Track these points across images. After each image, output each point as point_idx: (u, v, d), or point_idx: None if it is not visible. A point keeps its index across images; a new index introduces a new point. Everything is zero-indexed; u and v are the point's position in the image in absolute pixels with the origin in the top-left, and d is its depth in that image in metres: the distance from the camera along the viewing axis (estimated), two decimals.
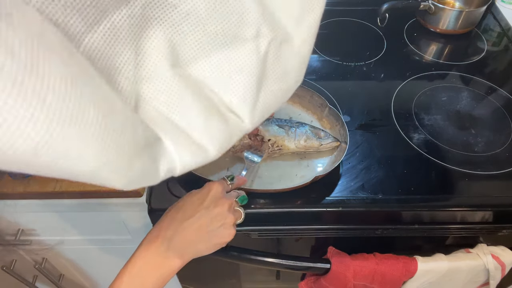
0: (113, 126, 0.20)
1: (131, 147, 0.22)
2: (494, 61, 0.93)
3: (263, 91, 0.29)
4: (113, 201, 0.67)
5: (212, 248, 0.50)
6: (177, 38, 0.25)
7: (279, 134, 0.68)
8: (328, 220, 0.67)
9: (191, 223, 0.47)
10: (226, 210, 0.50)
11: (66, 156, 0.17)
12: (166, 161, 0.26)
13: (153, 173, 0.25)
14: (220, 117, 0.27)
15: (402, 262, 0.65)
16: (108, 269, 0.94)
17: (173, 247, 0.46)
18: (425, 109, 0.80)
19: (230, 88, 0.27)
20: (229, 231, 0.50)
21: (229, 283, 0.93)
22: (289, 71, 0.30)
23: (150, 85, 0.25)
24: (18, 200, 0.66)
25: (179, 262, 0.47)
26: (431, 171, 0.69)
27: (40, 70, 0.15)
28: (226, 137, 0.28)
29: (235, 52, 0.27)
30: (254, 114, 0.29)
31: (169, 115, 0.25)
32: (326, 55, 0.93)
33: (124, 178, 0.23)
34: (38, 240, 0.81)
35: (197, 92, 0.26)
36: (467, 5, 1.02)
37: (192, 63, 0.26)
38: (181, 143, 0.26)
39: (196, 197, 0.50)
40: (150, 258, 0.46)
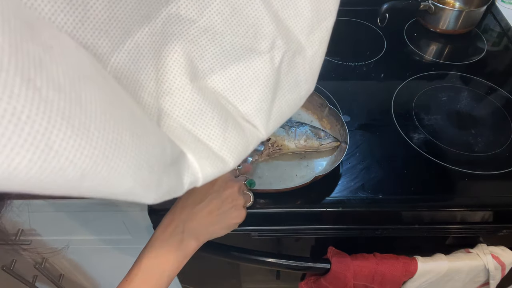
0: (146, 148, 0.21)
1: (161, 165, 0.23)
2: (494, 61, 0.93)
3: (277, 101, 0.30)
4: (113, 201, 0.67)
5: (226, 229, 0.51)
6: (195, 52, 0.26)
7: (279, 134, 0.68)
8: (328, 220, 0.66)
9: (203, 206, 0.49)
10: (236, 192, 0.52)
11: (107, 180, 0.18)
12: (189, 173, 0.27)
13: (178, 187, 0.26)
14: (238, 127, 0.28)
15: (402, 262, 0.65)
16: (108, 269, 0.94)
17: (188, 229, 0.48)
18: (425, 109, 0.80)
19: (246, 99, 0.28)
20: (240, 212, 0.52)
21: (229, 283, 0.93)
22: (301, 81, 0.31)
23: (171, 99, 0.26)
24: (18, 200, 0.66)
25: (194, 244, 0.48)
26: (431, 171, 0.69)
27: (83, 100, 0.16)
28: (243, 146, 0.29)
29: (251, 64, 0.28)
30: (269, 123, 0.30)
31: (189, 128, 0.26)
32: (326, 55, 0.93)
33: (154, 195, 0.23)
34: (38, 240, 0.81)
35: (215, 104, 0.27)
36: (467, 5, 1.02)
37: (210, 75, 0.27)
38: (202, 156, 0.27)
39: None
40: (166, 240, 0.47)
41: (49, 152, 0.15)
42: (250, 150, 0.30)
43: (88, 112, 0.16)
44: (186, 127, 0.26)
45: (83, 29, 0.20)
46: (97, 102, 0.17)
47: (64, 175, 0.16)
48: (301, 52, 0.30)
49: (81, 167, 0.16)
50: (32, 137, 0.14)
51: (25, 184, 0.15)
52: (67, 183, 0.17)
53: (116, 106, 0.19)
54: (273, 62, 0.28)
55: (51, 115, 0.14)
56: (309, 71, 0.31)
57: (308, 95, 0.33)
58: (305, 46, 0.30)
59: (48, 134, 0.14)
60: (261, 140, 0.31)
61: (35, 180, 0.15)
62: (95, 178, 0.18)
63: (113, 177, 0.18)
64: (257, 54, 0.28)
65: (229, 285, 0.94)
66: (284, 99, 0.30)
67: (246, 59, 0.27)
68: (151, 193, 0.23)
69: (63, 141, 0.15)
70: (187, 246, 0.48)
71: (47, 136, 0.14)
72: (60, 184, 0.16)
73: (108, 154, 0.17)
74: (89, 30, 0.20)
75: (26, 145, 0.14)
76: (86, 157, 0.16)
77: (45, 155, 0.15)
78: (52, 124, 0.14)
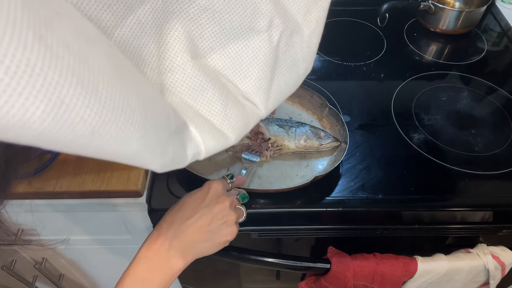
0: (151, 113, 0.22)
1: (165, 132, 0.24)
2: (494, 61, 0.93)
3: (276, 80, 0.31)
4: (113, 201, 0.67)
5: (215, 247, 0.49)
6: (195, 30, 0.27)
7: (279, 134, 0.68)
8: (328, 220, 0.66)
9: (192, 222, 0.47)
10: (228, 207, 0.49)
11: (115, 139, 0.19)
12: (192, 145, 0.27)
13: (182, 157, 0.27)
14: (238, 105, 0.29)
15: (402, 262, 0.65)
16: (108, 269, 0.94)
17: (175, 247, 0.46)
18: (425, 109, 0.80)
19: (246, 77, 0.29)
20: (231, 229, 0.49)
21: (229, 283, 0.93)
22: (299, 60, 0.32)
23: (172, 76, 0.26)
24: (18, 200, 0.66)
25: (181, 263, 0.46)
26: (431, 171, 0.69)
27: (90, 62, 0.17)
28: (244, 123, 0.29)
29: (250, 43, 0.28)
30: (268, 101, 0.31)
31: (191, 104, 0.27)
32: (326, 55, 0.93)
33: (160, 161, 0.24)
34: (38, 240, 0.81)
35: (215, 82, 0.28)
36: (467, 5, 1.02)
37: (210, 54, 0.28)
38: (204, 129, 0.28)
39: (196, 196, 0.49)
40: (151, 260, 0.45)
41: (61, 105, 0.15)
42: (250, 128, 0.31)
43: (96, 73, 0.17)
44: (187, 103, 0.27)
45: (87, 1, 0.21)
46: (104, 65, 0.18)
47: (75, 131, 0.17)
48: (299, 32, 0.30)
49: (91, 124, 0.17)
50: (45, 89, 0.15)
51: (38, 137, 0.16)
52: (77, 139, 0.17)
53: (121, 72, 0.20)
54: (271, 41, 0.29)
55: (62, 71, 0.15)
56: (306, 50, 0.32)
57: (306, 74, 0.34)
58: (302, 25, 0.30)
59: (60, 88, 0.15)
60: (261, 118, 0.31)
61: (47, 133, 0.16)
62: (104, 137, 0.18)
63: (121, 138, 0.19)
64: (256, 32, 0.28)
65: (229, 285, 0.94)
66: (282, 77, 0.31)
67: (245, 38, 0.28)
68: (157, 159, 0.24)
69: (73, 97, 0.16)
70: (173, 265, 0.45)
71: (58, 89, 0.15)
72: (71, 140, 0.17)
73: (116, 115, 0.18)
74: (93, 3, 0.21)
75: (40, 96, 0.15)
76: (96, 114, 0.17)
77: (57, 108, 0.15)
78: (64, 79, 0.15)
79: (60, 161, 0.67)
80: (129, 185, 0.64)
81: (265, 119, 0.71)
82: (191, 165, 0.67)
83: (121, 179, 0.65)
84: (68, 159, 0.67)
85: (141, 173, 0.66)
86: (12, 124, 0.14)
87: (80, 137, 0.17)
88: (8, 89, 0.14)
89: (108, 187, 0.64)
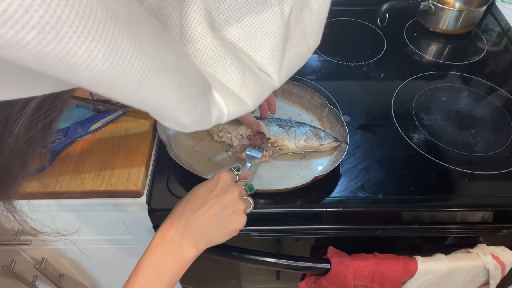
0: (183, 69, 0.24)
1: (196, 90, 0.26)
2: (494, 61, 0.93)
3: (288, 52, 0.33)
4: (113, 201, 0.67)
5: (226, 236, 0.50)
6: (212, 4, 0.29)
7: (279, 134, 0.68)
8: (328, 220, 0.67)
9: (203, 212, 0.48)
10: (237, 197, 0.51)
11: (158, 90, 0.22)
12: (216, 108, 0.29)
13: (207, 117, 0.29)
14: (254, 75, 0.31)
15: (402, 262, 0.65)
16: (108, 269, 0.94)
17: (187, 237, 0.47)
18: (425, 109, 0.80)
19: (260, 49, 0.31)
20: (240, 218, 0.51)
21: (229, 283, 0.93)
22: (309, 33, 0.34)
23: (193, 46, 0.28)
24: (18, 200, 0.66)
25: (193, 252, 0.47)
26: (431, 171, 0.69)
27: (135, 17, 0.19)
28: (260, 91, 0.32)
29: (263, 16, 0.30)
30: (281, 72, 0.33)
31: (212, 72, 0.29)
32: (326, 55, 0.93)
33: (192, 117, 0.26)
34: (38, 240, 0.81)
35: (232, 53, 0.30)
36: (467, 5, 1.02)
37: (226, 27, 0.30)
38: (225, 95, 0.30)
39: (206, 187, 0.51)
40: (164, 249, 0.46)
41: (116, 52, 0.17)
42: (266, 96, 0.33)
43: (140, 27, 0.19)
44: (208, 72, 0.29)
45: None
46: (145, 21, 0.20)
47: (127, 77, 0.19)
48: (308, 6, 0.33)
49: (139, 72, 0.19)
50: (105, 36, 0.17)
51: (96, 80, 0.18)
52: (128, 86, 0.19)
53: (158, 31, 0.22)
54: (283, 14, 0.31)
55: (117, 21, 0.17)
56: (315, 24, 0.34)
57: (315, 47, 0.36)
58: (311, 0, 0.33)
59: (116, 37, 0.17)
60: (274, 88, 0.33)
61: (105, 77, 0.18)
62: (150, 87, 0.21)
63: (162, 89, 0.22)
64: (268, 6, 0.30)
65: (229, 285, 0.94)
66: (293, 50, 0.33)
67: (258, 11, 0.30)
68: (189, 113, 0.26)
69: (126, 45, 0.18)
70: (186, 254, 0.47)
71: (115, 37, 0.17)
72: (123, 86, 0.19)
73: (158, 67, 0.21)
74: None
75: (101, 41, 0.16)
76: (143, 64, 0.19)
77: (114, 54, 0.17)
78: (118, 28, 0.17)
79: (60, 161, 0.67)
80: (129, 185, 0.64)
81: (265, 119, 0.71)
82: (191, 165, 0.67)
83: (121, 179, 0.65)
84: (68, 159, 0.68)
85: (141, 173, 0.66)
86: (79, 64, 0.16)
87: (130, 83, 0.19)
88: (78, 31, 0.15)
89: (108, 187, 0.64)
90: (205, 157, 0.70)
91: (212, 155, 0.70)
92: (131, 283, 0.44)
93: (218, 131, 0.71)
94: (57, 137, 0.69)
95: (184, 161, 0.67)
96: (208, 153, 0.70)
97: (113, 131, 0.72)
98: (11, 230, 0.76)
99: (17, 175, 0.27)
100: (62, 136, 0.69)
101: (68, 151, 0.69)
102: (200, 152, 0.71)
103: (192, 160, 0.69)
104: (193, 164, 0.68)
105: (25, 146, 0.24)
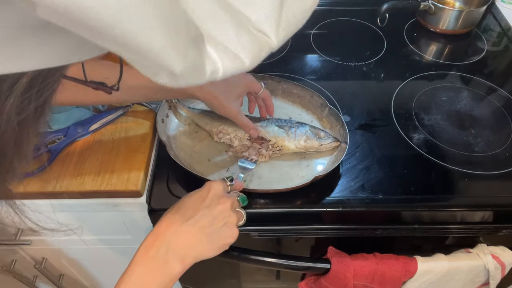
0: (171, 12, 0.23)
1: (186, 34, 0.25)
2: (494, 61, 0.93)
3: (285, 11, 0.32)
4: (113, 201, 0.67)
5: (215, 250, 0.48)
6: None
7: (279, 135, 0.68)
8: (328, 220, 0.67)
9: (192, 224, 0.46)
10: (229, 208, 0.48)
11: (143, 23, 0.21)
12: (210, 62, 0.28)
13: (201, 69, 0.28)
14: (250, 33, 0.30)
15: (402, 262, 0.65)
16: (108, 269, 0.94)
17: (173, 251, 0.44)
18: (425, 109, 0.80)
19: (256, 9, 0.30)
20: (232, 231, 0.48)
21: (229, 283, 0.93)
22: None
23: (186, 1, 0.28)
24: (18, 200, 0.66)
25: (179, 267, 0.45)
26: (431, 171, 0.69)
27: None
28: (257, 50, 0.30)
29: None
30: (279, 32, 0.32)
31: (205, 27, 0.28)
32: (326, 55, 0.93)
33: (183, 63, 0.25)
34: (38, 240, 0.81)
35: (227, 10, 0.29)
36: (467, 5, 1.02)
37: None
38: (219, 49, 0.29)
39: (196, 196, 0.49)
40: (148, 264, 0.44)
41: None
42: (263, 57, 0.31)
43: None
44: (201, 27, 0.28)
45: None
46: None
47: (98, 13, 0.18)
48: None
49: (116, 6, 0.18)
50: None
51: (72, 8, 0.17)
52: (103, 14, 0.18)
53: None
54: None
55: None
56: None
57: (313, 9, 0.36)
58: None
59: None
60: (273, 49, 0.31)
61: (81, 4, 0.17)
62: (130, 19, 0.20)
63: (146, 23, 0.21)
64: None
65: (229, 285, 0.94)
66: (291, 10, 0.32)
67: None
68: (179, 58, 0.25)
69: None
70: (171, 270, 0.44)
71: None
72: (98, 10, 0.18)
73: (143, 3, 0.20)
74: None
75: None
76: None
77: None
78: None
79: (60, 161, 0.67)
80: (129, 185, 0.64)
81: (265, 120, 0.71)
82: (191, 165, 0.67)
83: (121, 179, 0.65)
84: (68, 159, 0.68)
85: (141, 173, 0.66)
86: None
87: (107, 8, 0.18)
88: None
89: (108, 187, 0.64)
90: (205, 157, 0.70)
91: (212, 155, 0.70)
92: None
93: (218, 132, 0.71)
94: (57, 137, 0.69)
95: (184, 161, 0.67)
96: (208, 154, 0.70)
97: (113, 131, 0.72)
98: (11, 225, 0.76)
99: (12, 160, 0.25)
100: (62, 136, 0.69)
101: (68, 151, 0.69)
102: (200, 152, 0.71)
103: (192, 160, 0.69)
104: (193, 164, 0.68)
105: (18, 128, 0.23)
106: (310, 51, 0.94)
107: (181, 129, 0.75)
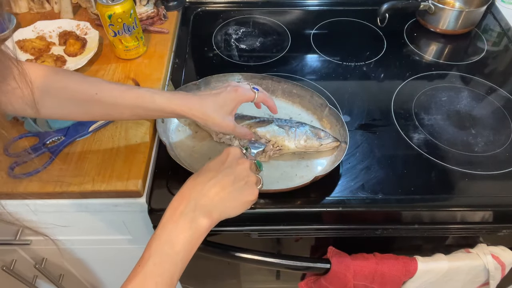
0: None
1: None
2: (494, 61, 0.93)
3: None
4: (113, 201, 0.67)
5: (239, 207, 0.50)
6: None
7: (279, 134, 0.68)
8: (328, 220, 0.67)
9: (215, 183, 0.48)
10: (248, 168, 0.51)
11: None
12: None
13: None
14: None
15: (402, 262, 0.65)
16: (108, 269, 0.94)
17: (200, 206, 0.46)
18: (425, 109, 0.80)
19: None
20: (252, 190, 0.50)
21: (229, 283, 0.93)
22: None
23: None
24: (17, 200, 0.66)
25: (207, 222, 0.46)
26: (431, 171, 0.69)
27: None
28: None
29: None
30: None
31: None
32: (326, 55, 0.93)
33: None
34: (38, 240, 0.81)
35: None
36: (467, 5, 1.02)
37: None
38: None
39: (217, 160, 0.51)
40: (177, 220, 0.45)
41: None
42: None
43: None
44: None
45: None
46: None
47: None
48: None
49: None
50: None
51: None
52: None
53: None
54: None
55: None
56: None
57: None
58: None
59: None
60: None
61: None
62: None
63: None
64: None
65: (229, 285, 0.94)
66: None
67: None
68: None
69: None
70: (199, 224, 0.46)
71: None
72: None
73: None
74: None
75: None
76: None
77: None
78: None
79: (60, 161, 0.67)
80: (129, 185, 0.64)
81: (265, 120, 0.71)
82: (191, 165, 0.67)
83: (121, 179, 0.65)
84: (68, 159, 0.68)
85: (141, 173, 0.66)
86: None
87: None
88: None
89: (108, 187, 0.64)
90: (205, 157, 0.70)
91: (212, 155, 0.70)
92: (145, 258, 0.43)
93: (218, 132, 0.71)
94: (57, 137, 0.69)
95: (184, 161, 0.67)
96: (208, 153, 0.70)
97: (113, 131, 0.72)
98: (10, 222, 0.76)
99: None
100: (62, 136, 0.69)
101: (68, 151, 0.69)
102: (200, 152, 0.71)
103: (192, 160, 0.69)
104: (193, 164, 0.68)
105: None
106: (310, 51, 0.94)
107: (181, 129, 0.75)
